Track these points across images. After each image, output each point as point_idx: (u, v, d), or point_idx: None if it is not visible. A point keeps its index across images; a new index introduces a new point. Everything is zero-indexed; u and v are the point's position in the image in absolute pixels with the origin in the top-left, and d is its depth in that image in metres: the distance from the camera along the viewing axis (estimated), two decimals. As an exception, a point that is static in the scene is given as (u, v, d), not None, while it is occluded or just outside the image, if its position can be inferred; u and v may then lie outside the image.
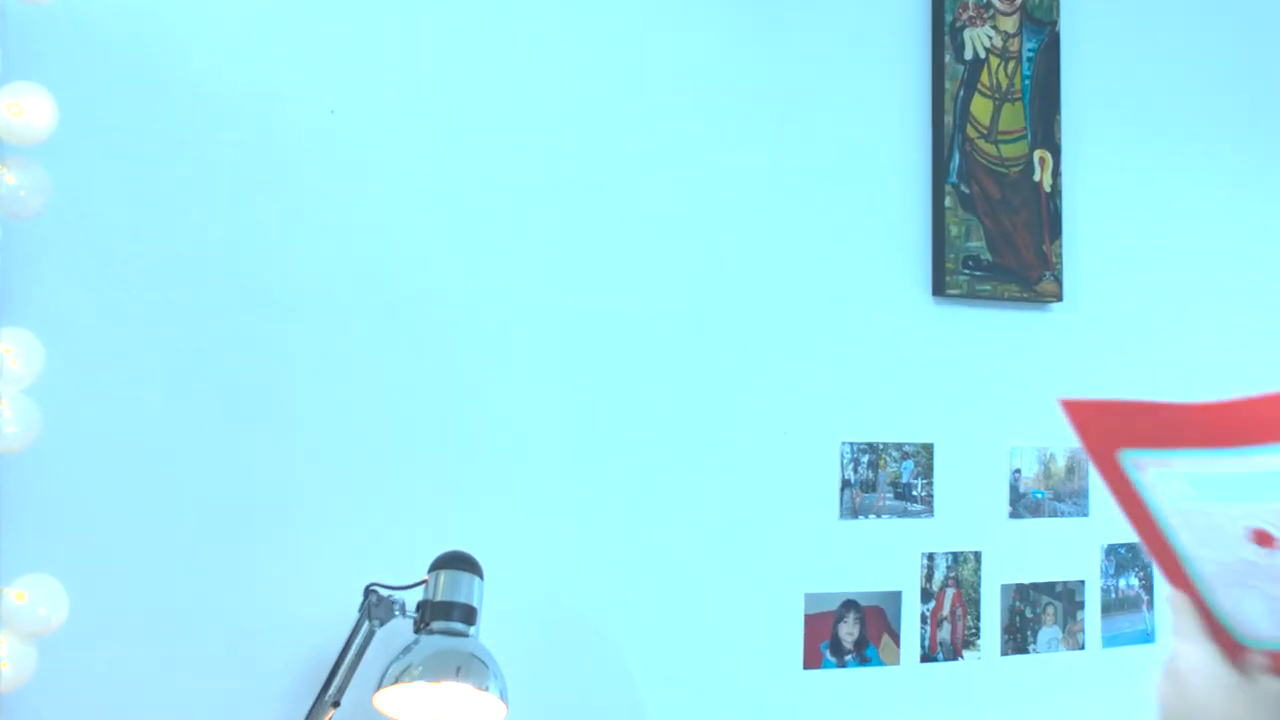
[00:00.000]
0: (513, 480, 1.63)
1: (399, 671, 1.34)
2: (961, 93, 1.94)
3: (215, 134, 1.49)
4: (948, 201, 1.91)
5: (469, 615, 1.40)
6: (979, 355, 1.94)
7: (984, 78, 1.96)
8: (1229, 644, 0.87)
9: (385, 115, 1.57)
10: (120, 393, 1.43)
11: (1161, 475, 0.87)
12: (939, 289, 1.92)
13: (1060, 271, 1.98)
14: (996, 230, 1.95)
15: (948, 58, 1.93)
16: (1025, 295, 1.96)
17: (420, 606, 1.41)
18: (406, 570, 1.47)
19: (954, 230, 1.91)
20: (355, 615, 1.42)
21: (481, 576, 1.44)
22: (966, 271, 1.92)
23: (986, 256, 1.94)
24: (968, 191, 1.93)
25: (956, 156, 1.93)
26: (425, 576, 1.43)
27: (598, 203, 1.69)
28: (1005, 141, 1.97)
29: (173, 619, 1.44)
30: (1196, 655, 0.83)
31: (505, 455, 1.62)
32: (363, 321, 1.54)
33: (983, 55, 1.96)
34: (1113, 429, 0.89)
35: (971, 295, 1.93)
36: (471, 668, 1.35)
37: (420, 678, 1.33)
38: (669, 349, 1.72)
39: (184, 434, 1.46)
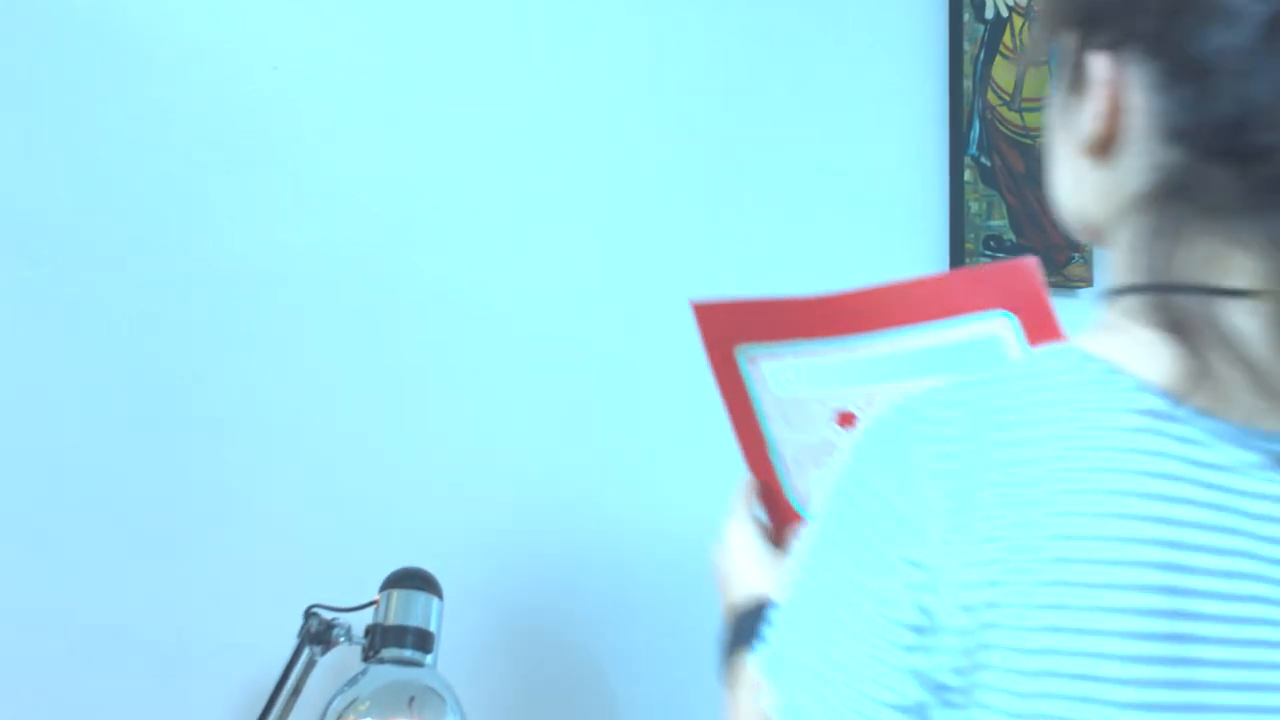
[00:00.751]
0: (478, 486, 1.45)
1: (344, 706, 1.18)
2: (982, 55, 1.77)
3: (140, 90, 1.32)
4: (967, 175, 1.74)
5: (425, 641, 1.23)
6: (1000, 347, 1.77)
7: (1007, 39, 1.79)
8: (789, 515, 1.00)
9: (335, 72, 1.39)
10: (24, 389, 1.26)
11: (771, 367, 0.98)
12: (957, 275, 1.75)
13: (1091, 254, 1.82)
14: (1021, 207, 1.78)
15: (967, 16, 1.76)
16: (1053, 279, 1.78)
17: (369, 631, 1.23)
18: (353, 589, 1.28)
19: (974, 207, 1.75)
20: (294, 641, 1.24)
21: (441, 597, 1.26)
22: (988, 253, 1.75)
23: (1010, 237, 1.77)
24: (989, 164, 1.76)
25: (977, 125, 1.76)
26: (375, 597, 1.25)
27: (582, 177, 1.52)
28: (1030, 109, 1.80)
29: (87, 647, 1.27)
30: (744, 531, 0.96)
31: (468, 458, 1.45)
32: (310, 309, 1.37)
33: (1005, 14, 1.79)
34: (734, 326, 0.98)
35: (993, 280, 1.75)
36: (427, 702, 1.19)
37: (368, 713, 1.17)
38: (665, 340, 1.54)
39: (99, 434, 1.29)
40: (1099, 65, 0.65)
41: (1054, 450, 0.58)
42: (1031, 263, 0.97)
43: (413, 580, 1.25)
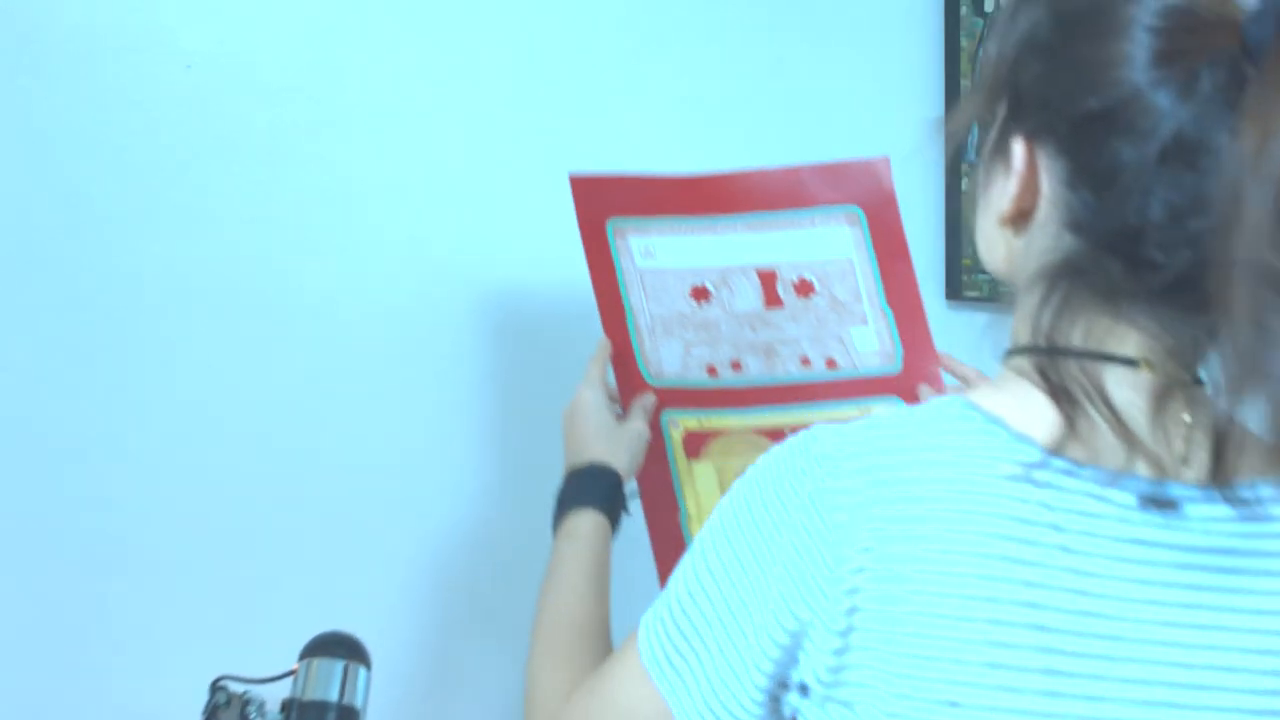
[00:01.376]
0: (406, 542, 1.30)
1: (254, 794, 1.04)
2: (980, 52, 1.63)
3: (37, 87, 1.17)
4: (964, 184, 1.59)
5: (349, 717, 1.08)
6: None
7: (1007, 34, 1.65)
8: (637, 383, 1.13)
9: (256, 71, 1.25)
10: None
11: (638, 241, 1.10)
12: (954, 292, 1.61)
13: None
14: (1024, 218, 1.64)
15: (964, 10, 1.61)
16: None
17: (285, 706, 1.09)
18: (267, 658, 1.13)
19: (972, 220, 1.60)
20: (199, 718, 1.09)
21: (368, 666, 1.11)
22: (987, 273, 1.60)
23: (1011, 250, 1.63)
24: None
25: (975, 130, 1.61)
26: (293, 666, 1.10)
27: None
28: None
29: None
30: (592, 397, 1.08)
31: (395, 510, 1.29)
32: (220, 333, 1.22)
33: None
34: (609, 200, 1.09)
35: (993, 299, 1.60)
36: (350, 790, 1.05)
37: (281, 805, 1.03)
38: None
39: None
40: (1018, 149, 0.70)
41: (934, 492, 0.64)
42: (883, 161, 1.12)
43: (335, 646, 1.10)
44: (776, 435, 1.13)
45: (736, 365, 1.16)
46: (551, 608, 0.94)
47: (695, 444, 1.14)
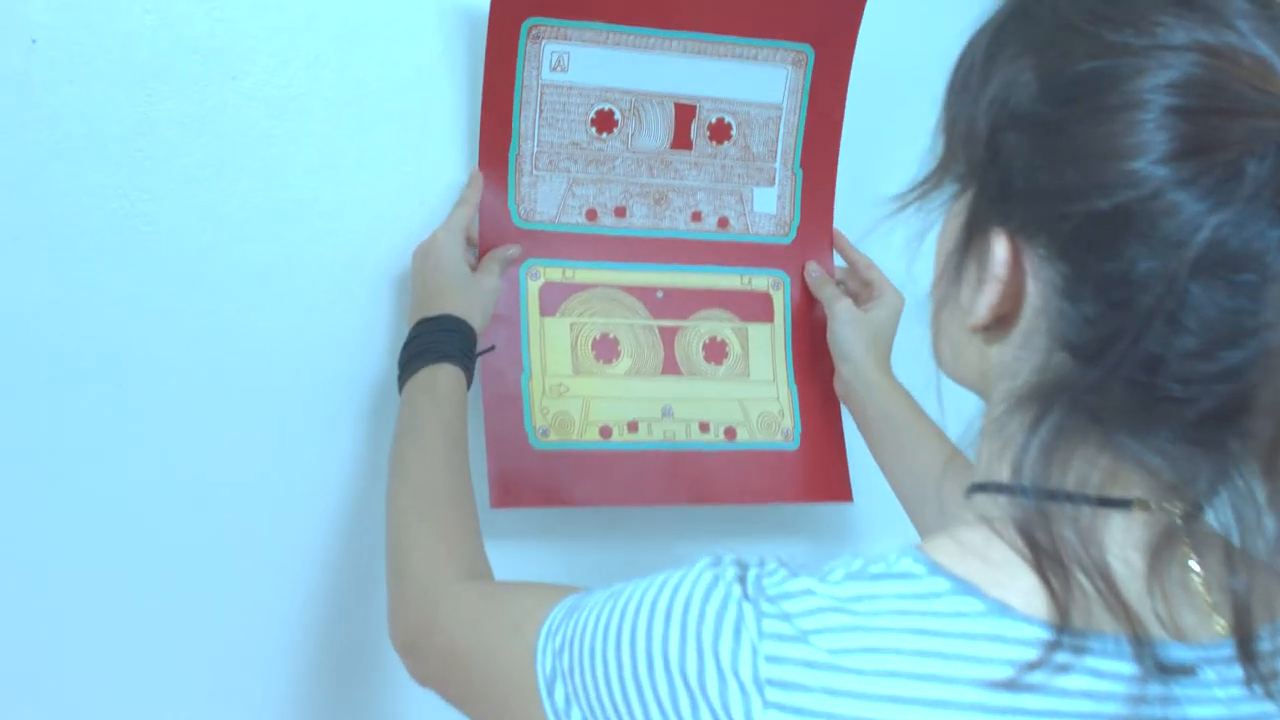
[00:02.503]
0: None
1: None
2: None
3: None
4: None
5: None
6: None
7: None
8: (502, 226, 0.99)
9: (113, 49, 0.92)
10: None
11: (552, 49, 0.96)
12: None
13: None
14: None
15: None
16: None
17: None
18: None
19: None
20: None
21: None
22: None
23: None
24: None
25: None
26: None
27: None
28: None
29: None
30: (449, 242, 0.94)
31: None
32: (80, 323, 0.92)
33: None
34: None
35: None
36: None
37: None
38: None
39: None
40: (999, 249, 0.54)
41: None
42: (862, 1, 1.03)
43: None
44: (645, 294, 1.04)
45: (621, 212, 1.03)
46: (418, 470, 0.83)
47: (554, 298, 1.01)
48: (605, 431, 1.01)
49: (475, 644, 0.68)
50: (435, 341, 0.89)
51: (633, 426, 1.02)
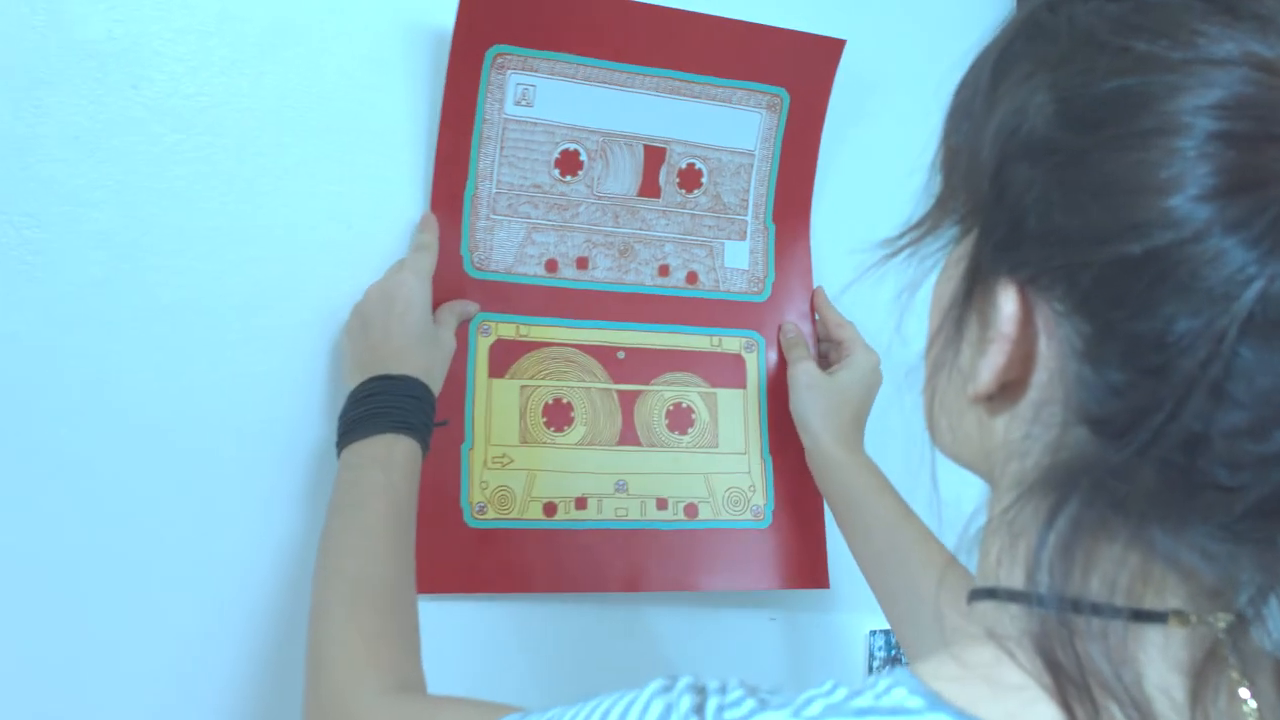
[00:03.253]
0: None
1: None
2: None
3: None
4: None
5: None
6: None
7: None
8: (453, 276, 0.89)
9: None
10: None
11: (518, 78, 0.88)
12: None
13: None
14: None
15: None
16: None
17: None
18: None
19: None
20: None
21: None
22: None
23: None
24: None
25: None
26: None
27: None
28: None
29: None
30: (419, 291, 0.84)
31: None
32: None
33: None
34: (500, 18, 0.86)
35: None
36: None
37: None
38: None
39: None
40: (1007, 301, 0.46)
41: None
42: (839, 43, 0.96)
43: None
44: (604, 355, 0.94)
45: (583, 263, 0.93)
46: (356, 556, 0.72)
47: (505, 357, 0.90)
48: (549, 509, 0.91)
49: None
50: (396, 407, 0.79)
51: (581, 503, 0.91)
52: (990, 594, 0.48)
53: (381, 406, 0.79)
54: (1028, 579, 0.45)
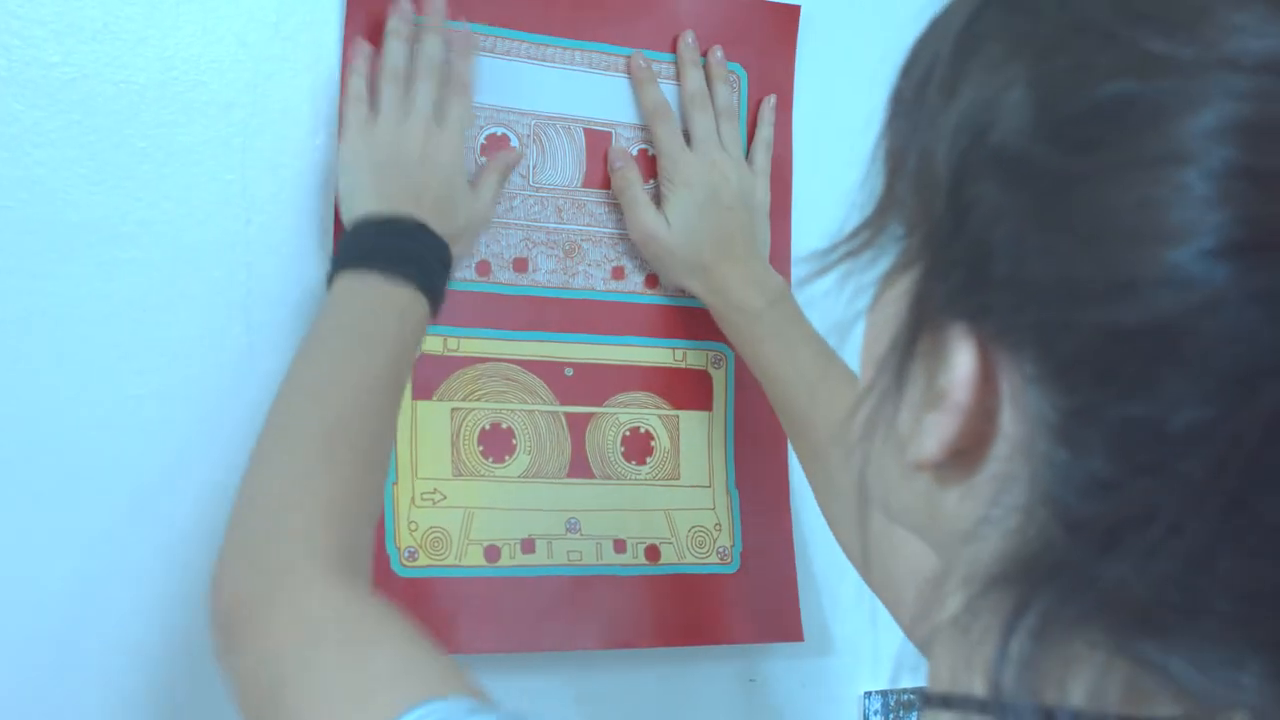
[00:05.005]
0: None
1: None
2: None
3: None
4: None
5: None
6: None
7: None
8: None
9: None
10: None
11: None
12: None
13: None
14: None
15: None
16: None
17: None
18: None
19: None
20: None
21: None
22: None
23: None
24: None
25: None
26: None
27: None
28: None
29: None
30: (457, 141, 0.75)
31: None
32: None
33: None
34: None
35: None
36: None
37: None
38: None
39: None
40: (962, 355, 0.36)
41: None
42: (792, 10, 0.86)
43: None
44: (550, 372, 0.81)
45: (521, 265, 0.80)
46: (344, 391, 0.63)
47: (432, 376, 0.78)
48: (492, 553, 0.79)
49: (301, 679, 0.51)
50: (429, 264, 0.70)
51: (528, 546, 0.80)
52: (945, 703, 0.39)
53: (415, 253, 0.69)
54: (991, 687, 0.36)
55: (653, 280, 0.84)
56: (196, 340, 0.74)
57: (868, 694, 0.91)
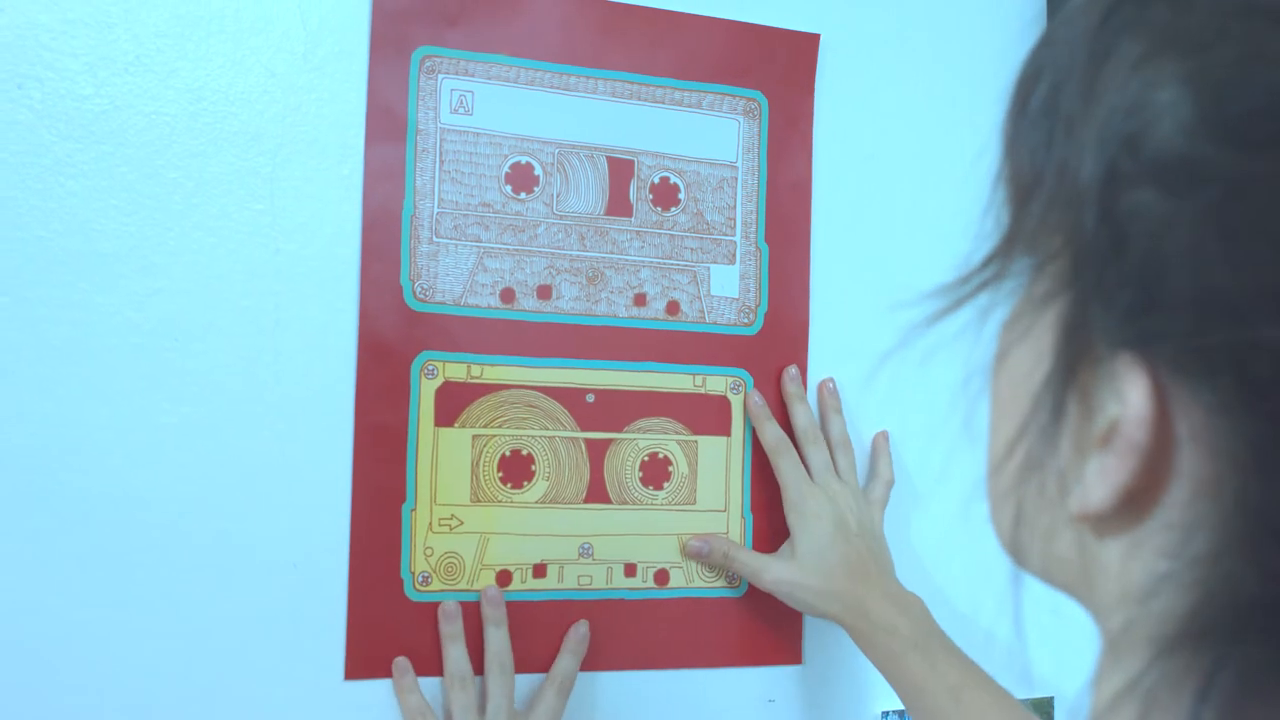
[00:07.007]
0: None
1: None
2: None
3: None
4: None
5: None
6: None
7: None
8: (390, 311, 0.77)
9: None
10: None
11: (452, 83, 0.79)
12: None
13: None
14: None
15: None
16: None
17: None
18: None
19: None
20: None
21: None
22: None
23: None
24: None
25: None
26: None
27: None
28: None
29: None
30: None
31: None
32: None
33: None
34: (420, 19, 0.78)
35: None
36: None
37: None
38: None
39: None
40: (1134, 390, 0.31)
41: None
42: (812, 39, 0.87)
43: None
44: (572, 399, 0.81)
45: (545, 292, 0.81)
46: None
47: (455, 402, 0.78)
48: (503, 577, 0.80)
49: None
50: None
51: (540, 570, 0.80)
52: None
53: None
54: None
55: (674, 306, 0.85)
56: (226, 369, 0.74)
57: (885, 714, 0.92)
